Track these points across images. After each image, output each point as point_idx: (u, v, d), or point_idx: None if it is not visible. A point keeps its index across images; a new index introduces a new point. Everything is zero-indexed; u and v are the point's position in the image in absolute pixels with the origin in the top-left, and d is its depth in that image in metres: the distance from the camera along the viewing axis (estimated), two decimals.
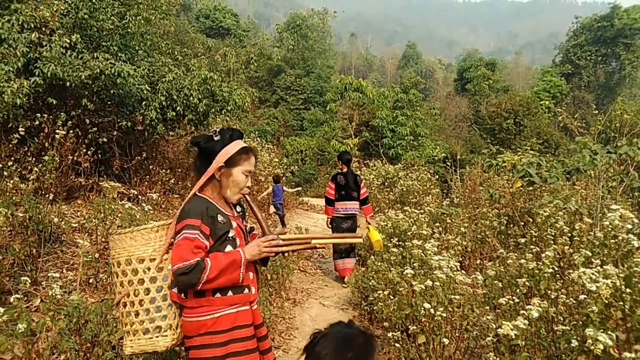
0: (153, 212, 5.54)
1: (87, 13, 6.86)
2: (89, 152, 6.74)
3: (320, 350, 1.55)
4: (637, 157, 5.91)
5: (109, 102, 7.63)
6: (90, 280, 4.63)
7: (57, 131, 6.18)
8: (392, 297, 4.84)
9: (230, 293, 2.31)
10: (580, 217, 5.90)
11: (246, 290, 2.37)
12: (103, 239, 5.19)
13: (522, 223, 6.86)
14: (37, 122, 6.28)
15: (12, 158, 5.90)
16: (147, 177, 8.17)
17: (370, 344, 1.58)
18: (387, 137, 24.52)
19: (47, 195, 5.63)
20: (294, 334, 5.31)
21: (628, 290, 2.88)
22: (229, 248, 2.32)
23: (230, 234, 2.35)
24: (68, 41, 6.45)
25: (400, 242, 6.63)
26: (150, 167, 8.30)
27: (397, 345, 4.12)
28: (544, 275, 3.97)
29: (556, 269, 4.22)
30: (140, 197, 6.69)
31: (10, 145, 5.99)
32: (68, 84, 6.40)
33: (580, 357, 2.76)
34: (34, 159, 6.11)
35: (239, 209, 2.59)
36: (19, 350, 2.73)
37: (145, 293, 2.34)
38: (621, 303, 2.78)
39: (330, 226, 7.50)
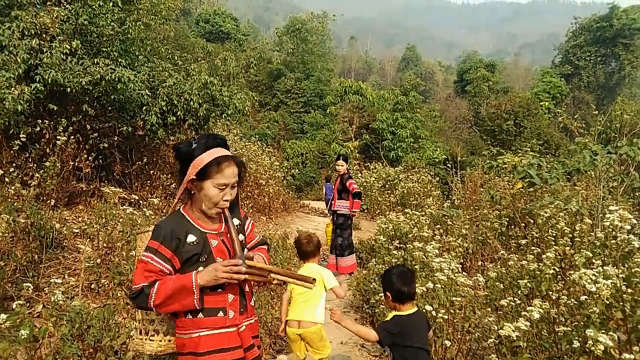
0: (154, 217, 5.54)
1: (87, 19, 6.88)
2: (90, 158, 6.76)
3: (392, 274, 3.11)
4: (637, 157, 5.91)
5: (109, 108, 7.65)
6: (92, 286, 4.65)
7: (58, 137, 6.20)
8: None
9: (200, 315, 2.16)
10: (581, 217, 5.91)
11: (220, 314, 2.18)
12: (105, 245, 5.20)
13: (523, 224, 6.87)
14: (38, 128, 6.31)
15: (14, 164, 5.92)
16: (148, 182, 8.18)
17: (414, 275, 3.28)
18: (387, 140, 24.53)
19: (48, 201, 5.66)
20: None
21: (629, 290, 2.89)
22: (200, 269, 2.14)
23: (203, 257, 2.16)
24: (68, 47, 6.47)
25: (401, 245, 6.63)
26: (151, 172, 8.30)
27: None
28: (545, 277, 3.98)
29: (557, 270, 4.22)
30: (141, 202, 6.70)
31: (12, 152, 6.01)
32: (69, 90, 6.42)
33: (582, 358, 2.76)
34: (35, 165, 6.13)
35: (236, 221, 2.34)
36: (22, 356, 2.74)
37: None
38: (622, 303, 2.79)
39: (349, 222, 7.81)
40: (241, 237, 2.34)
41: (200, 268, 2.14)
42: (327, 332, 3.97)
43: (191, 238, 2.17)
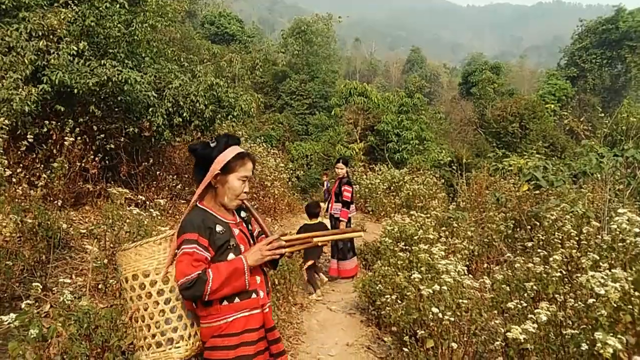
0: (160, 217, 5.56)
1: (94, 21, 6.91)
2: (96, 159, 6.78)
3: (309, 205, 7.25)
4: None
5: (116, 109, 7.68)
6: (100, 286, 4.66)
7: (65, 138, 6.22)
8: (399, 302, 4.84)
9: (237, 299, 2.33)
10: (587, 220, 5.88)
11: (254, 295, 2.38)
12: (111, 245, 5.22)
13: (529, 227, 6.84)
14: (45, 129, 6.34)
15: (21, 165, 5.94)
16: (154, 183, 8.20)
17: (318, 204, 7.32)
18: (392, 142, 24.48)
19: (55, 202, 5.68)
20: (302, 339, 5.31)
21: (637, 293, 2.87)
22: (231, 256, 2.33)
23: (232, 243, 2.35)
24: (75, 49, 6.50)
25: (407, 247, 6.62)
26: (157, 173, 8.33)
27: (406, 350, 4.12)
28: (552, 279, 3.97)
29: (564, 272, 4.21)
30: (147, 203, 6.72)
31: (19, 152, 6.03)
32: (76, 91, 6.45)
33: None
34: (42, 165, 6.15)
35: (243, 214, 2.59)
36: (30, 355, 2.75)
37: (154, 306, 2.34)
38: (630, 307, 2.78)
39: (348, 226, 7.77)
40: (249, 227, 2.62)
41: (231, 254, 2.33)
42: (332, 334, 4.02)
43: (219, 228, 2.35)
